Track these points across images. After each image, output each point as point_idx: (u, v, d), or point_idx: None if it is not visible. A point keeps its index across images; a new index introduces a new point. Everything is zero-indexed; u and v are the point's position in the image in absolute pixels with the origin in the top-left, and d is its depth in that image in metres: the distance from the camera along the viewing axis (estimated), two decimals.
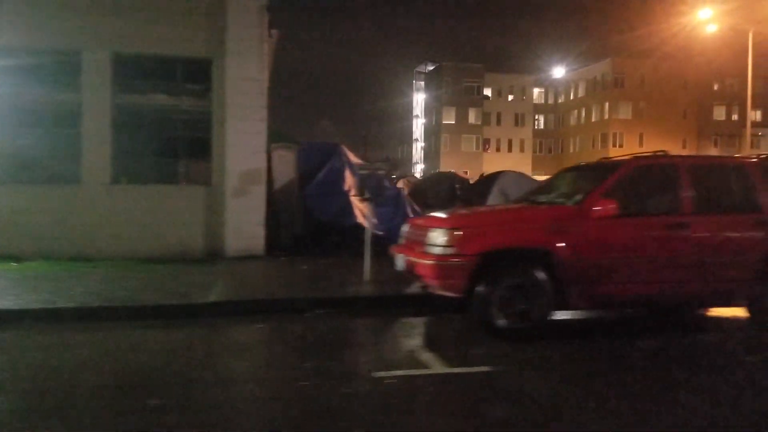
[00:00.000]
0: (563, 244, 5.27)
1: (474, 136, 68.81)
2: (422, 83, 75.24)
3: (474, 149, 68.99)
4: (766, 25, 35.17)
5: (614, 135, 60.89)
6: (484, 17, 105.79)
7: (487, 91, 69.95)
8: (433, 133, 70.85)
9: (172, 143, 10.00)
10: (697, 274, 5.51)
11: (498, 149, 70.91)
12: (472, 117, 68.81)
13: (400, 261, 5.96)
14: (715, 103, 61.41)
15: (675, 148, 59.04)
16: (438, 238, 5.37)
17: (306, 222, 11.14)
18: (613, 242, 5.40)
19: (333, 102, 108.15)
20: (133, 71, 9.63)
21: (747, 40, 33.13)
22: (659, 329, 5.95)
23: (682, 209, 5.58)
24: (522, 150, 71.34)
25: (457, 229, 5.38)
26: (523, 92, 71.13)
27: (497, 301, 5.21)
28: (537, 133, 72.25)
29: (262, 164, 9.95)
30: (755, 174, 5.83)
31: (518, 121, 71.52)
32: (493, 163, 63.62)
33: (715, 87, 61.32)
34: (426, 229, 5.63)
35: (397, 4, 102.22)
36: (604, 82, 62.19)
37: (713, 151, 55.50)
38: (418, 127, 77.54)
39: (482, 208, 7.90)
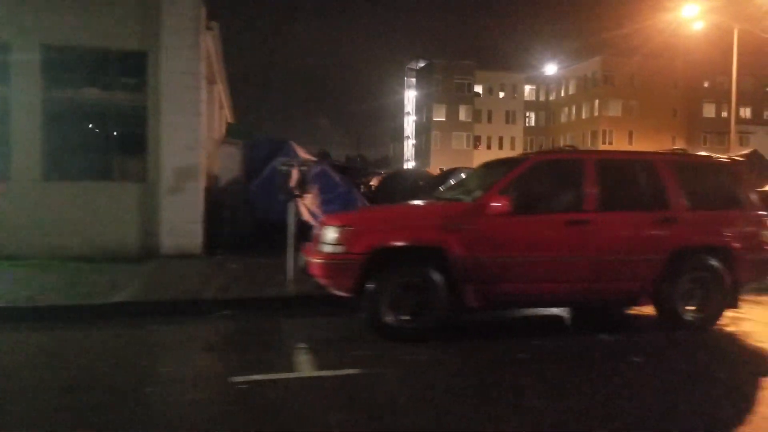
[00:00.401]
0: (458, 242, 5.07)
1: (464, 134, 68.59)
2: (414, 80, 75.01)
3: (465, 147, 68.75)
4: (752, 23, 35.07)
5: (604, 132, 60.74)
6: (476, 14, 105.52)
7: (478, 89, 69.71)
8: (424, 130, 70.63)
9: (106, 138, 9.75)
10: (599, 272, 5.31)
11: (489, 147, 70.67)
12: (463, 114, 68.60)
13: (302, 261, 5.76)
14: (705, 101, 61.26)
15: (664, 147, 59.01)
16: (328, 235, 5.17)
17: (251, 220, 10.93)
18: (510, 240, 5.20)
19: (329, 100, 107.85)
20: (64, 64, 9.38)
21: (734, 37, 32.93)
22: (565, 329, 5.76)
23: (585, 206, 5.38)
24: (513, 147, 71.08)
25: (347, 226, 5.17)
26: (514, 90, 70.93)
27: (388, 301, 5.01)
28: (528, 131, 72.06)
29: (199, 160, 9.72)
30: (664, 170, 5.63)
31: (509, 118, 71.30)
32: (483, 160, 63.39)
33: (705, 84, 61.18)
34: (322, 227, 5.43)
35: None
36: (594, 80, 62.02)
37: (703, 149, 55.35)
38: (410, 124, 77.33)
39: (384, 205, 7.70)
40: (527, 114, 72.85)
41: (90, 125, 9.75)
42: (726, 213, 5.75)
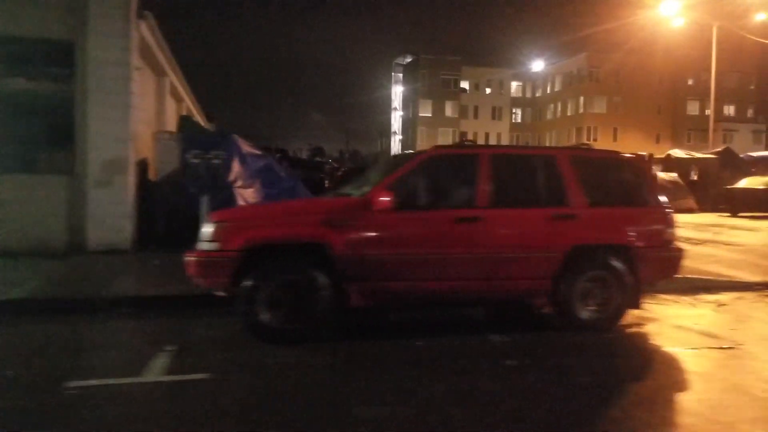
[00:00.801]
0: (342, 238, 4.86)
1: (451, 129, 68.35)
2: (401, 75, 74.72)
3: (451, 142, 68.61)
4: (731, 20, 35.03)
5: (588, 129, 60.68)
6: (464, 9, 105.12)
7: (465, 85, 69.52)
8: (410, 126, 70.44)
9: (32, 130, 9.46)
10: (491, 270, 5.12)
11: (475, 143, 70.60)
12: (449, 110, 68.44)
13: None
14: (689, 98, 61.27)
15: (649, 143, 59.02)
16: (205, 232, 4.94)
17: (189, 214, 10.66)
18: (396, 237, 5.00)
19: (319, 95, 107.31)
20: None
21: (721, 34, 32.84)
22: (459, 328, 5.55)
23: (476, 202, 5.18)
24: (499, 143, 71.09)
25: (223, 221, 4.95)
26: (501, 86, 70.77)
27: (266, 301, 4.79)
28: (514, 127, 71.97)
29: (128, 153, 9.45)
30: (564, 166, 5.43)
31: (495, 114, 71.18)
32: None
33: (690, 82, 61.15)
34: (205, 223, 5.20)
35: None
36: (579, 76, 61.93)
37: (686, 147, 55.33)
38: (397, 119, 77.09)
39: (273, 202, 7.45)
40: (514, 110, 72.73)
41: (15, 116, 9.45)
42: (629, 210, 5.56)
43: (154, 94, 14.37)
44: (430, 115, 67.99)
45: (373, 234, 4.96)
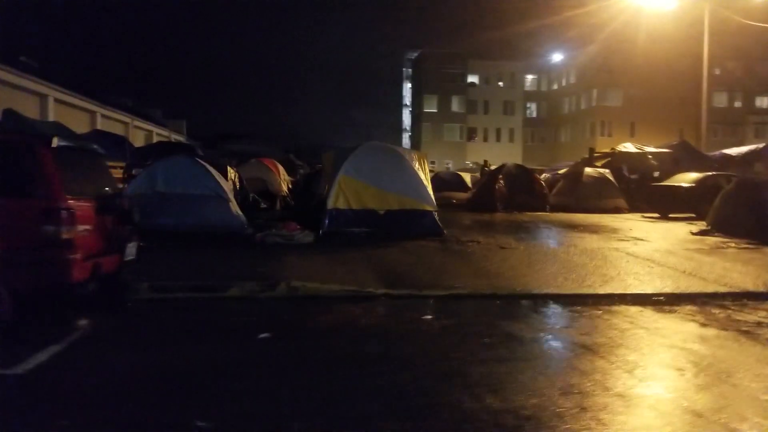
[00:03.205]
0: None
1: (457, 125, 65.60)
2: (411, 71, 72.40)
3: (458, 139, 65.75)
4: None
5: (602, 124, 56.48)
6: (474, 2, 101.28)
7: (474, 79, 66.45)
8: (417, 122, 68.03)
9: None
10: None
11: (485, 139, 67.39)
12: (455, 105, 65.56)
13: None
14: (715, 89, 55.85)
15: (670, 139, 54.23)
16: None
17: None
18: None
19: (333, 90, 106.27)
20: None
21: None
22: None
23: None
24: (511, 140, 67.60)
25: None
26: (513, 79, 67.18)
27: None
28: (529, 122, 68.32)
29: None
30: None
31: (507, 109, 67.72)
32: (479, 153, 60.28)
33: (717, 72, 55.77)
34: None
35: None
36: (592, 67, 57.68)
37: (713, 142, 50.29)
38: (407, 116, 74.83)
39: None
40: (528, 105, 69.00)
41: None
42: None
43: None
44: (435, 110, 65.34)
45: None
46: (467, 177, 25.53)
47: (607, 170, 19.54)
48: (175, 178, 9.87)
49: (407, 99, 74.72)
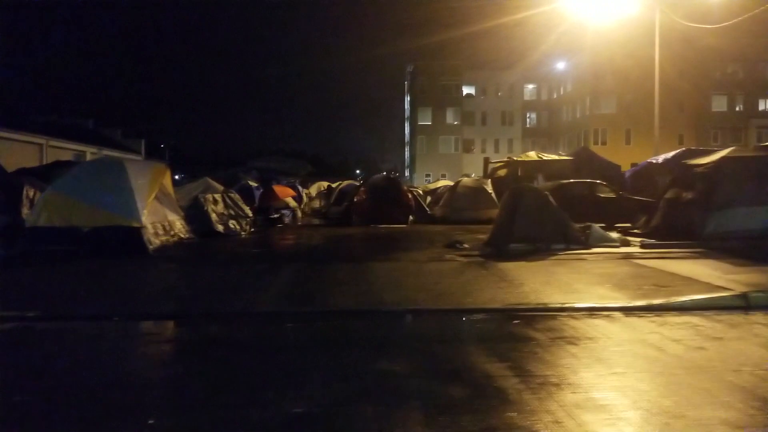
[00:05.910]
0: None
1: (452, 137, 64.83)
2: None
3: (453, 151, 64.94)
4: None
5: (596, 132, 54.60)
6: (468, 13, 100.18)
7: (470, 90, 65.64)
8: (412, 134, 67.69)
9: None
10: None
11: (483, 150, 66.21)
12: (450, 117, 64.87)
13: None
14: (714, 93, 53.20)
15: (670, 145, 51.80)
16: None
17: None
18: None
19: (336, 105, 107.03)
20: None
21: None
22: None
23: None
24: (510, 150, 66.12)
25: None
26: (511, 89, 65.94)
27: None
28: (529, 132, 66.87)
29: None
30: None
31: (506, 119, 66.51)
32: (476, 165, 59.28)
33: (716, 75, 53.09)
34: None
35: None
36: (586, 74, 55.99)
37: (714, 147, 47.67)
38: (408, 129, 74.61)
39: None
40: (528, 114, 67.57)
41: None
42: None
43: None
44: (429, 123, 64.80)
45: None
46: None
47: (488, 181, 18.86)
48: None
49: (408, 112, 74.56)
